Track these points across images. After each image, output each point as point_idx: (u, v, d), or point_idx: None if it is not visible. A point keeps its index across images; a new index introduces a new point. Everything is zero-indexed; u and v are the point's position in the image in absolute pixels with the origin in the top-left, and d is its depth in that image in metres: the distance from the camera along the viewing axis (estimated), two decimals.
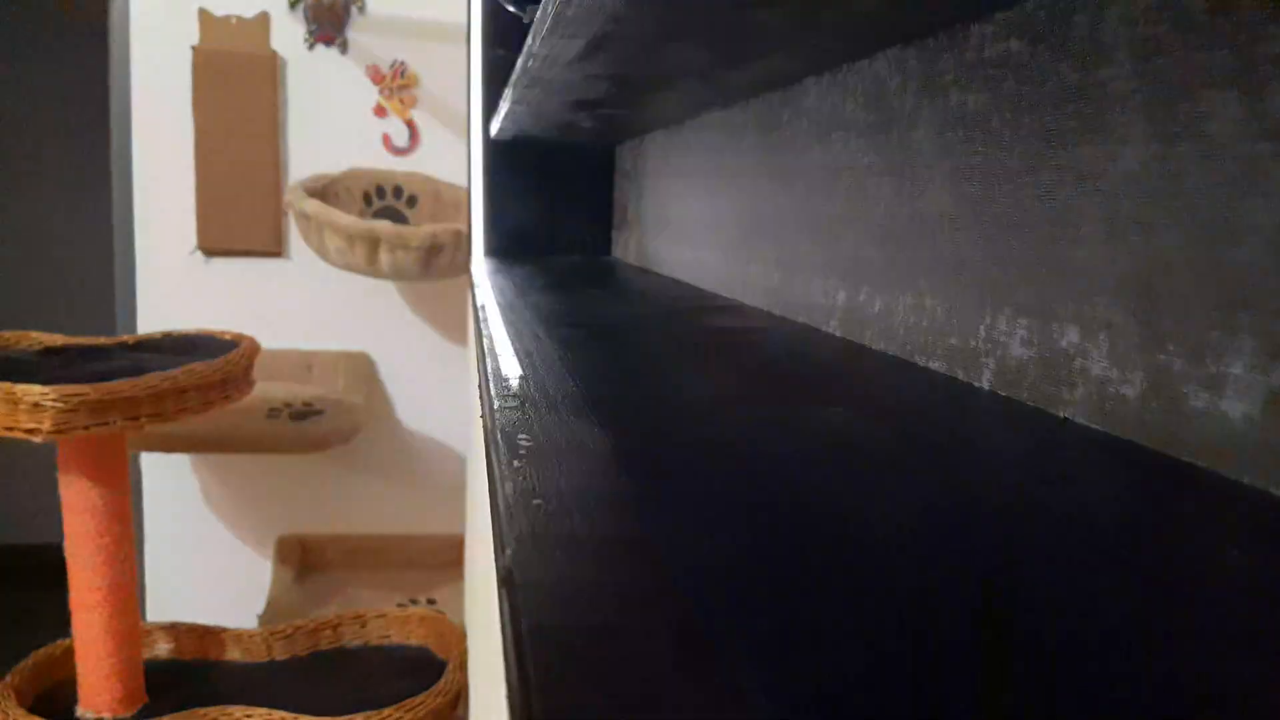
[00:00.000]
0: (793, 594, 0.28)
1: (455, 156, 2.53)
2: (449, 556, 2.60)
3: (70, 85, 3.49)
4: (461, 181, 2.50)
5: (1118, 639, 0.26)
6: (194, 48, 2.44)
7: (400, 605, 2.24)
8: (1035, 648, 0.25)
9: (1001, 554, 0.32)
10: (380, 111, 2.53)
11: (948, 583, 0.29)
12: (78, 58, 3.42)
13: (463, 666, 1.73)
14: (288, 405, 2.30)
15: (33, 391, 1.38)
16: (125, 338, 1.84)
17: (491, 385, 0.56)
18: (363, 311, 2.59)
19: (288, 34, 2.48)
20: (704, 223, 1.24)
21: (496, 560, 0.31)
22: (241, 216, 2.51)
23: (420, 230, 2.24)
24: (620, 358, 0.67)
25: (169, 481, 2.58)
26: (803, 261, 0.90)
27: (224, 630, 1.84)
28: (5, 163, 3.54)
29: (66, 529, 1.53)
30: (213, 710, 1.57)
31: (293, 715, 1.54)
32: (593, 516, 0.34)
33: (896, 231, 0.70)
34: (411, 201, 2.53)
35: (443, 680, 1.66)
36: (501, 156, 1.71)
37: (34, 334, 1.77)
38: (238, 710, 1.56)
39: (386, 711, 1.55)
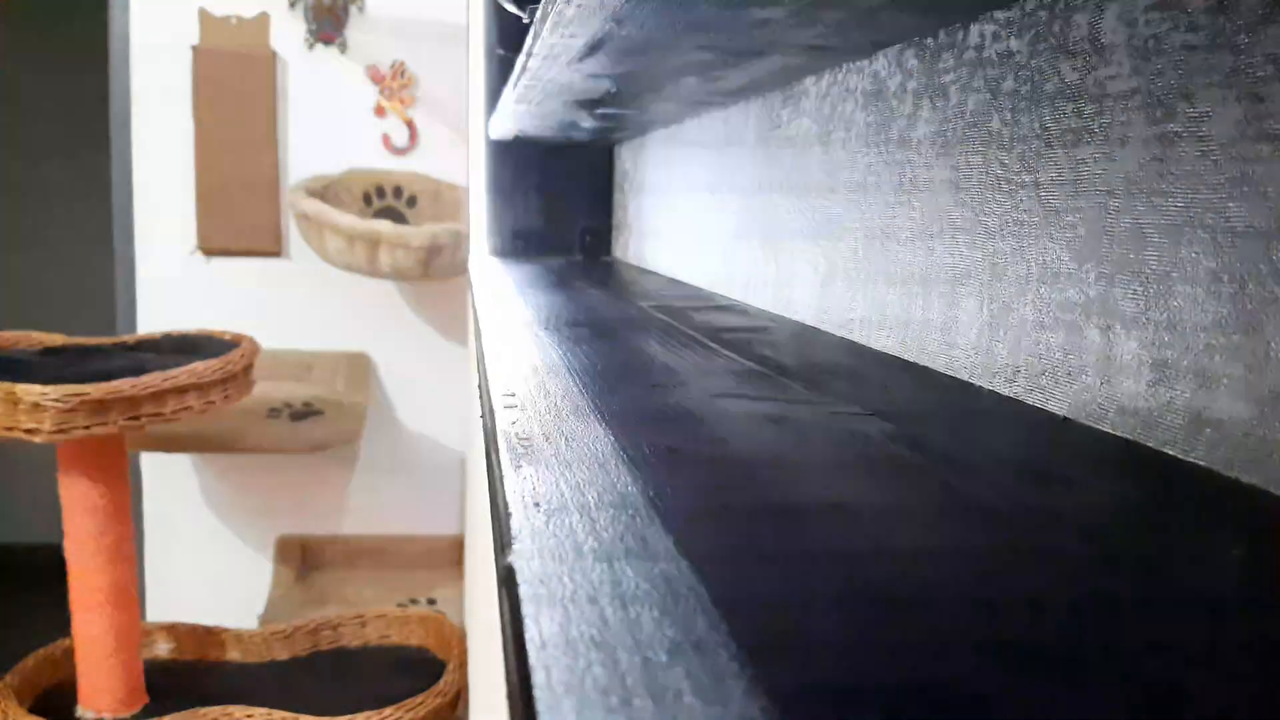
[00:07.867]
0: (788, 589, 0.28)
1: (455, 156, 2.53)
2: (449, 556, 2.60)
3: (70, 85, 3.49)
4: (461, 181, 2.50)
5: (1116, 640, 0.26)
6: (194, 48, 2.44)
7: (400, 605, 2.24)
8: (1031, 648, 0.25)
9: (999, 550, 0.32)
10: (380, 111, 2.53)
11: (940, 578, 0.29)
12: (77, 57, 3.42)
13: (463, 666, 1.73)
14: (288, 405, 2.30)
15: (33, 391, 1.39)
16: (125, 338, 1.85)
17: (491, 385, 0.56)
18: (362, 311, 2.59)
19: (287, 34, 2.48)
20: (704, 223, 1.24)
21: (496, 560, 0.31)
22: (241, 217, 2.51)
23: (420, 230, 2.24)
24: (621, 358, 0.67)
25: (169, 481, 2.58)
26: (803, 261, 0.90)
27: (224, 630, 1.85)
28: (5, 163, 3.54)
29: (66, 529, 1.53)
30: (213, 710, 1.57)
31: (293, 715, 1.54)
32: (593, 517, 0.34)
33: (896, 231, 0.70)
34: (411, 201, 2.53)
35: (443, 680, 1.66)
36: (501, 156, 1.71)
37: (34, 334, 1.77)
38: (238, 710, 1.56)
39: (386, 711, 1.55)
